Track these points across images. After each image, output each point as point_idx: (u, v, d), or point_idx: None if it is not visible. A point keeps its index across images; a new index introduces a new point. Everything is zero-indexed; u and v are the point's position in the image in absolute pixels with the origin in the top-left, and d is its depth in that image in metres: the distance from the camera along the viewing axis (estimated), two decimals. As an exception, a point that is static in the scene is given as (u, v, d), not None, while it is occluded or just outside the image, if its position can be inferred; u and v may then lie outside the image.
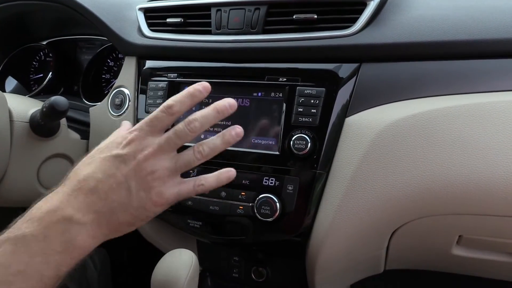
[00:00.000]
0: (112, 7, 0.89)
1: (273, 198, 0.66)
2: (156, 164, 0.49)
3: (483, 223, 0.63)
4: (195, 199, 0.72)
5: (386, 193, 0.61)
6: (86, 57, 1.11)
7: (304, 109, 0.66)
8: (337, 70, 0.66)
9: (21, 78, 1.15)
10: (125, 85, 0.84)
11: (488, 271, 0.79)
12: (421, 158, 0.59)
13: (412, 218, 0.65)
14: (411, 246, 0.73)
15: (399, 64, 0.64)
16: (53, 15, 1.03)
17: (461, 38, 0.61)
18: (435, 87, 0.62)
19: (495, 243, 0.67)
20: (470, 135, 0.58)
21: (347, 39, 0.66)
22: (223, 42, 0.74)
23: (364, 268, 0.81)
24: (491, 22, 0.61)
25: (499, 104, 0.58)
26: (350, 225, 0.64)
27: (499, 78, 0.60)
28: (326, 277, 0.75)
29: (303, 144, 0.64)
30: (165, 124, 0.51)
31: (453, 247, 0.70)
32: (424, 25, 0.63)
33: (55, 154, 0.83)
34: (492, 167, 0.57)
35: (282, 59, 0.70)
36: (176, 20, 0.78)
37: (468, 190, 0.58)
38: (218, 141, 0.53)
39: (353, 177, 0.62)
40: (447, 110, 0.59)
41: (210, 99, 0.74)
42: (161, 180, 0.49)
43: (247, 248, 0.81)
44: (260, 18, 0.71)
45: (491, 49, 0.61)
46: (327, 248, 0.67)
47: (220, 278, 0.88)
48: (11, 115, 0.76)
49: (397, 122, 0.61)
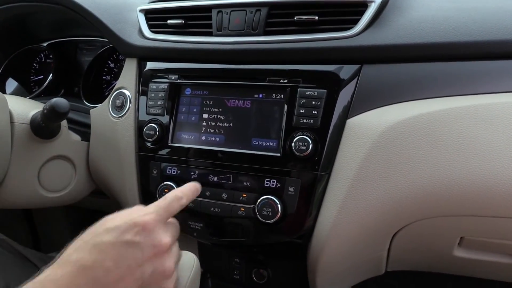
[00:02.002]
0: (112, 8, 0.89)
1: (274, 200, 0.66)
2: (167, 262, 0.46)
3: (485, 224, 0.63)
4: (196, 200, 0.72)
5: (388, 194, 0.61)
6: (86, 59, 1.11)
7: (306, 110, 0.66)
8: (339, 72, 0.66)
9: (21, 79, 1.15)
10: (126, 86, 0.83)
11: (490, 273, 0.79)
12: (423, 159, 0.59)
13: (414, 220, 0.65)
14: (413, 248, 0.73)
15: (401, 66, 0.64)
16: (54, 17, 1.03)
17: (462, 40, 0.61)
18: (436, 89, 0.62)
19: (497, 244, 0.67)
20: (472, 136, 0.58)
21: (348, 40, 0.66)
22: (224, 43, 0.74)
23: (365, 269, 0.81)
24: (492, 23, 0.61)
25: (501, 106, 0.58)
26: (351, 226, 0.64)
27: (500, 79, 0.60)
28: (327, 279, 0.75)
29: (304, 145, 0.64)
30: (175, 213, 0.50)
31: (455, 249, 0.70)
32: (425, 27, 0.63)
33: (56, 155, 0.83)
34: (494, 168, 0.57)
35: (283, 60, 0.70)
36: (177, 22, 0.78)
37: (470, 192, 0.58)
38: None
39: (355, 178, 0.62)
40: (449, 112, 0.59)
41: (211, 101, 0.74)
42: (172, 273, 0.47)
43: (248, 250, 0.81)
44: (261, 20, 0.71)
45: (493, 51, 0.61)
46: (329, 249, 0.67)
47: (221, 279, 0.88)
48: (11, 117, 0.76)
49: (399, 124, 0.61)
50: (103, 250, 0.42)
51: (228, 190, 0.70)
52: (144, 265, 0.43)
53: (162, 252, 0.45)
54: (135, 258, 0.43)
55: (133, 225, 0.44)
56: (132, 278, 0.42)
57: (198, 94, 0.75)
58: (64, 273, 0.41)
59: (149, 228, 0.45)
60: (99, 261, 0.42)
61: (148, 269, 0.44)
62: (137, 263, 0.43)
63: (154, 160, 0.77)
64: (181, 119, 0.76)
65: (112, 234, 0.44)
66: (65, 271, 0.41)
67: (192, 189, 0.54)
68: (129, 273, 0.42)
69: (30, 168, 0.80)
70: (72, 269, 0.41)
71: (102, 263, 0.41)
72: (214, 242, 0.77)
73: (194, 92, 0.76)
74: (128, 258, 0.43)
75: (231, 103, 0.72)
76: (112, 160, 0.83)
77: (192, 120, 0.75)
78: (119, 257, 0.42)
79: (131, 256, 0.43)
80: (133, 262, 0.43)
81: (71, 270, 0.41)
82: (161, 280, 0.45)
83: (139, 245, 0.43)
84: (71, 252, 0.43)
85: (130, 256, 0.43)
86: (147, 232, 0.45)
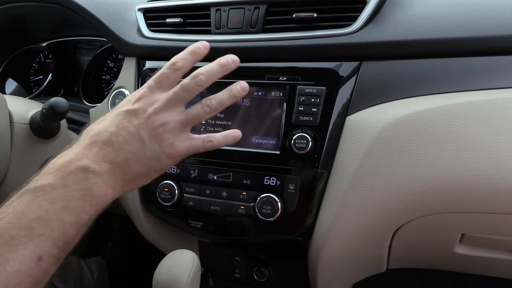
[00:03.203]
0: (111, 7, 0.89)
1: (274, 198, 0.66)
2: (166, 117, 0.50)
3: (486, 221, 0.63)
4: (196, 199, 0.72)
5: (388, 191, 0.61)
6: (86, 58, 1.11)
7: (305, 108, 0.66)
8: (338, 69, 0.66)
9: (21, 80, 1.15)
10: (125, 86, 0.83)
11: (491, 269, 0.79)
12: (423, 156, 0.59)
13: (415, 217, 0.64)
14: (413, 245, 0.73)
15: (400, 62, 0.64)
16: (53, 17, 1.03)
17: (462, 36, 0.61)
18: (436, 85, 0.62)
19: (498, 241, 0.67)
20: (473, 132, 0.57)
21: (348, 37, 0.66)
22: (223, 41, 0.73)
23: (366, 267, 0.81)
24: (492, 19, 0.61)
25: (501, 101, 0.57)
26: (352, 224, 0.64)
27: (500, 75, 0.60)
28: (328, 277, 0.75)
29: (304, 143, 0.64)
30: (172, 80, 0.53)
31: (456, 246, 0.70)
32: (424, 23, 0.63)
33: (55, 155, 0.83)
34: (495, 164, 0.56)
35: (282, 58, 0.70)
36: (175, 20, 0.78)
37: (471, 188, 0.58)
38: (225, 95, 0.54)
39: (355, 176, 0.62)
40: (449, 108, 0.59)
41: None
42: (173, 133, 0.50)
43: (249, 248, 0.81)
44: (260, 17, 0.71)
45: (493, 46, 0.60)
46: (329, 247, 0.66)
47: (222, 278, 0.88)
48: (11, 117, 0.76)
49: (399, 120, 0.60)
50: (108, 121, 0.50)
51: (228, 188, 0.70)
52: (141, 128, 0.49)
53: (155, 115, 0.49)
54: (131, 121, 0.49)
55: (132, 97, 0.52)
56: (133, 139, 0.48)
57: (197, 92, 0.75)
58: (79, 142, 0.49)
59: (142, 95, 0.51)
60: (103, 128, 0.49)
61: (144, 131, 0.49)
62: (134, 126, 0.49)
63: (154, 159, 0.76)
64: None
65: (114, 109, 0.51)
66: (80, 141, 0.49)
67: (191, 49, 0.54)
68: (129, 133, 0.48)
69: (30, 168, 0.80)
70: (84, 137, 0.49)
71: (107, 129, 0.48)
72: (214, 241, 0.77)
73: (193, 91, 0.76)
74: (124, 121, 0.49)
75: (230, 101, 0.72)
76: (112, 160, 0.83)
77: (191, 119, 0.75)
78: (119, 122, 0.49)
79: (127, 120, 0.49)
80: (131, 125, 0.49)
81: (83, 138, 0.49)
82: (159, 140, 0.50)
83: (134, 111, 0.50)
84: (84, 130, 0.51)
85: (126, 120, 0.49)
86: (142, 100, 0.50)
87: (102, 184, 0.46)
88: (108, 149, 0.47)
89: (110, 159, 0.47)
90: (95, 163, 0.46)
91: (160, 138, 0.49)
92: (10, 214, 0.41)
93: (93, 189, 0.45)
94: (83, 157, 0.46)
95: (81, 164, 0.45)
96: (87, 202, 0.45)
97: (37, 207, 0.42)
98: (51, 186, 0.43)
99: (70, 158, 0.46)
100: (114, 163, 0.47)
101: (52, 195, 0.43)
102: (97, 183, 0.45)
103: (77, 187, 0.44)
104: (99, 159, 0.46)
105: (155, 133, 0.49)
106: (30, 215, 0.41)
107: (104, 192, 0.46)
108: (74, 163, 0.45)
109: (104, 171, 0.46)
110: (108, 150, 0.47)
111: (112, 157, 0.47)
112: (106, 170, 0.46)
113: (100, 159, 0.46)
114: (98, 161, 0.46)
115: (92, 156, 0.46)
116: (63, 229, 0.42)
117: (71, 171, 0.45)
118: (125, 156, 0.48)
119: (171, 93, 0.51)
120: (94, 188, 0.45)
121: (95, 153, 0.47)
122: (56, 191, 0.43)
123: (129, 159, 0.48)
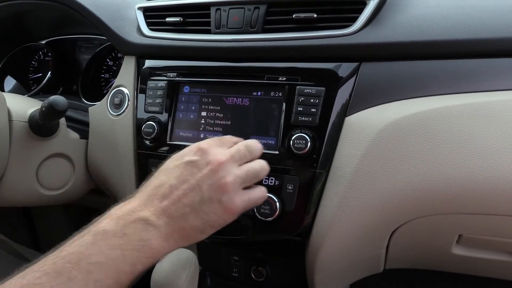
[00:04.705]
0: (111, 6, 0.89)
1: (272, 198, 0.66)
2: (229, 171, 0.51)
3: (483, 222, 0.63)
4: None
5: (386, 192, 0.61)
6: (85, 57, 1.10)
7: (304, 108, 0.66)
8: (337, 69, 0.66)
9: (20, 77, 1.14)
10: (124, 84, 0.83)
11: (488, 270, 0.80)
12: (421, 157, 0.59)
13: (412, 217, 0.65)
14: (411, 245, 0.73)
15: (399, 63, 0.64)
16: (52, 15, 1.03)
17: (461, 37, 0.61)
18: (435, 86, 0.62)
19: (495, 242, 0.67)
20: (471, 134, 0.58)
21: (347, 38, 0.66)
22: (223, 41, 0.73)
23: (364, 267, 0.81)
24: (491, 21, 0.61)
25: (499, 103, 0.58)
26: (350, 224, 0.64)
27: (499, 77, 0.60)
28: (326, 277, 0.75)
29: (303, 143, 0.64)
30: (232, 142, 0.55)
31: (453, 246, 0.70)
32: (424, 24, 0.63)
33: (54, 153, 0.83)
34: (492, 166, 0.57)
35: (282, 58, 0.70)
36: (175, 19, 0.78)
37: (468, 190, 0.58)
38: None
39: (353, 176, 0.62)
40: (447, 109, 0.59)
41: (210, 99, 0.74)
42: (233, 187, 0.51)
43: (247, 248, 0.81)
44: (260, 17, 0.71)
45: (491, 48, 0.61)
46: (327, 247, 0.67)
47: (220, 277, 0.88)
48: (10, 114, 0.76)
49: (397, 122, 0.61)
50: (168, 171, 0.51)
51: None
52: (202, 181, 0.49)
53: (217, 168, 0.50)
54: (193, 174, 0.50)
55: (194, 148, 0.53)
56: (193, 193, 0.49)
57: (196, 92, 0.75)
58: (141, 193, 0.50)
59: (205, 149, 0.52)
60: (165, 180, 0.50)
61: (205, 184, 0.49)
62: (195, 179, 0.49)
63: (153, 158, 0.77)
64: (180, 117, 0.76)
65: (176, 159, 0.52)
66: (142, 191, 0.50)
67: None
68: (189, 187, 0.49)
69: (29, 166, 0.80)
70: (146, 189, 0.50)
71: (167, 182, 0.49)
72: (212, 240, 0.77)
73: (192, 90, 0.76)
74: (185, 174, 0.50)
75: (230, 100, 0.72)
76: (111, 158, 0.83)
77: (190, 118, 0.75)
78: (181, 175, 0.50)
79: (188, 172, 0.50)
80: (192, 178, 0.49)
81: (145, 189, 0.50)
82: (220, 193, 0.50)
83: (196, 162, 0.50)
84: (148, 181, 0.52)
85: (187, 172, 0.50)
86: (204, 152, 0.51)
87: (158, 237, 0.47)
88: (167, 203, 0.48)
89: (169, 213, 0.48)
90: (154, 216, 0.47)
91: (220, 192, 0.50)
92: (71, 254, 0.42)
93: (151, 241, 0.46)
94: (144, 208, 0.47)
95: (142, 215, 0.46)
96: (143, 253, 0.45)
97: (97, 251, 0.43)
98: (113, 232, 0.44)
99: (132, 207, 0.47)
100: (172, 217, 0.48)
101: (112, 242, 0.44)
102: (154, 236, 0.46)
103: (137, 237, 0.45)
104: (158, 212, 0.47)
105: (215, 186, 0.49)
106: (89, 258, 0.42)
107: (159, 246, 0.47)
108: (136, 213, 0.47)
109: (161, 225, 0.47)
110: (167, 204, 0.48)
111: (171, 211, 0.48)
112: (163, 223, 0.47)
113: (159, 212, 0.47)
114: (157, 214, 0.47)
115: (152, 209, 0.47)
116: (117, 278, 0.43)
117: (132, 220, 0.46)
118: (183, 211, 0.48)
119: (234, 150, 0.53)
120: (151, 240, 0.46)
121: (155, 206, 0.48)
122: (116, 238, 0.44)
123: (187, 214, 0.49)
